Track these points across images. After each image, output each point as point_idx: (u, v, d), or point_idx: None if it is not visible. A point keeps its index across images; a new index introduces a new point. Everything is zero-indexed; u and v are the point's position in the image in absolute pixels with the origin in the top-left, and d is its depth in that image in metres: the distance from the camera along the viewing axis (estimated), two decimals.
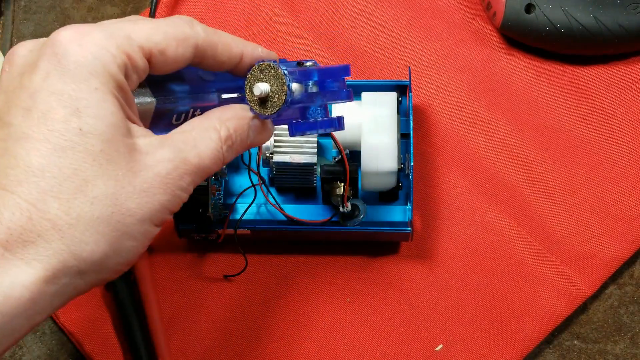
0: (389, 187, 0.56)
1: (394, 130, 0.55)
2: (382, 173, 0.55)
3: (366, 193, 0.58)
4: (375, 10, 0.65)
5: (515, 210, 0.60)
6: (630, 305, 0.59)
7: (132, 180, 0.38)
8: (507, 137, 0.61)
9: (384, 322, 0.58)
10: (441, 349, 0.57)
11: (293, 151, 0.56)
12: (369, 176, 0.55)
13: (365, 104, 0.56)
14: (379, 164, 0.55)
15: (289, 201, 0.59)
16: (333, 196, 0.56)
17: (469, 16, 0.64)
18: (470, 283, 0.58)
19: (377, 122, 0.55)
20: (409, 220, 0.56)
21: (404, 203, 0.59)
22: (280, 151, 0.56)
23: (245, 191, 0.58)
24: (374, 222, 0.58)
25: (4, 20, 0.67)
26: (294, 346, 0.57)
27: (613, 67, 0.62)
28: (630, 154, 0.60)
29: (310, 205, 0.59)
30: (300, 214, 0.58)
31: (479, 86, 0.63)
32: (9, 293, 0.35)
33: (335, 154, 0.58)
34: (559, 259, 0.58)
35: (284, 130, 0.56)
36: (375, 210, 0.58)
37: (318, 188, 0.59)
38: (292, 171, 0.57)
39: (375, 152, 0.55)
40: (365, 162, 0.55)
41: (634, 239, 0.59)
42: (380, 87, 0.58)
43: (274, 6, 0.65)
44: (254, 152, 0.58)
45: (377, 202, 0.59)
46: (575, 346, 0.59)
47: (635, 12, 0.60)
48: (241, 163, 0.59)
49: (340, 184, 0.56)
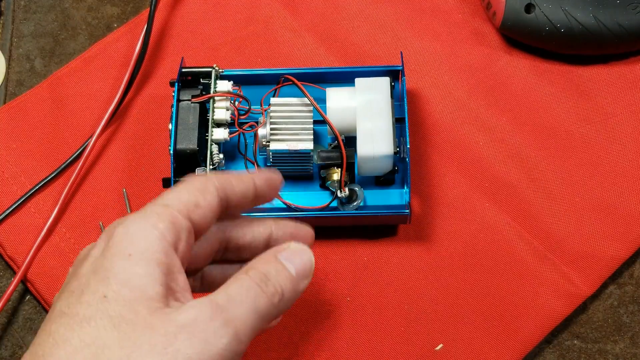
0: (386, 171, 0.57)
1: (388, 115, 0.56)
2: (378, 157, 0.55)
3: (363, 178, 0.59)
4: (375, 10, 0.65)
5: (515, 210, 0.60)
6: (630, 305, 0.59)
7: (151, 337, 0.37)
8: (507, 137, 0.61)
9: (384, 322, 0.58)
10: (441, 349, 0.57)
11: (289, 138, 0.56)
12: (366, 161, 0.56)
13: (359, 90, 0.57)
14: (375, 149, 0.55)
15: (287, 188, 0.59)
16: (330, 182, 0.57)
17: (469, 16, 0.64)
18: (470, 283, 0.58)
19: (372, 107, 0.56)
20: (406, 202, 0.56)
21: (400, 187, 0.59)
22: (276, 139, 0.56)
23: None
24: (372, 206, 0.58)
25: (4, 20, 0.67)
26: (294, 346, 0.57)
27: (613, 67, 0.62)
28: (630, 154, 0.60)
29: (308, 192, 0.59)
30: (298, 200, 0.58)
31: (479, 86, 0.63)
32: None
33: (331, 140, 0.58)
34: (559, 259, 0.58)
35: (280, 118, 0.57)
36: (372, 195, 0.59)
37: (315, 174, 0.59)
38: (289, 158, 0.57)
39: (370, 137, 0.55)
40: (361, 147, 0.55)
41: (634, 239, 0.59)
42: (373, 72, 0.58)
43: (274, 6, 0.65)
44: (250, 141, 0.58)
45: (374, 187, 0.59)
46: (575, 346, 0.59)
47: (635, 12, 0.60)
48: (237, 152, 0.59)
49: (337, 169, 0.56)
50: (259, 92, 0.59)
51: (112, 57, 0.64)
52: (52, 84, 0.63)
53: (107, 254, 0.39)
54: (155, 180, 0.61)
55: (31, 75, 0.65)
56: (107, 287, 0.38)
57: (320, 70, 0.60)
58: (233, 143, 0.59)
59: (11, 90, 0.65)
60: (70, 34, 0.67)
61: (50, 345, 0.37)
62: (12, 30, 0.67)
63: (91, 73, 0.64)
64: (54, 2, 0.67)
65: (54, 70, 0.65)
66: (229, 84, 0.58)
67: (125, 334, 0.37)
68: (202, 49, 0.64)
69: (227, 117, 0.57)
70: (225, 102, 0.57)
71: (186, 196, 0.42)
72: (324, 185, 0.58)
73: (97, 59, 0.64)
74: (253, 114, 0.58)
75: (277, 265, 0.41)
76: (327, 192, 0.59)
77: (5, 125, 0.62)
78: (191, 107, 0.56)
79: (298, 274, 0.42)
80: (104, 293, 0.38)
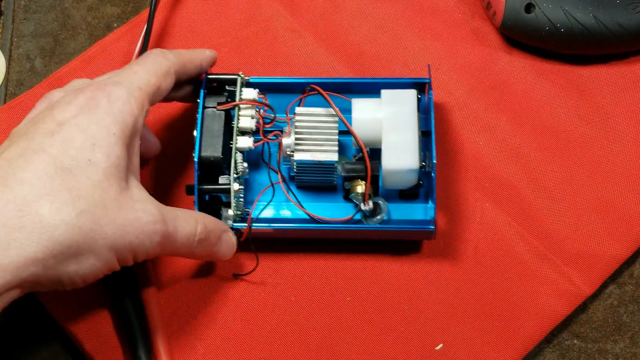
0: (410, 185, 0.56)
1: (414, 128, 0.55)
2: (403, 171, 0.55)
3: (386, 190, 0.58)
4: (375, 10, 0.65)
5: (515, 210, 0.60)
6: (630, 304, 0.59)
7: (116, 213, 0.45)
8: (507, 137, 0.61)
9: (384, 321, 0.58)
10: (441, 349, 0.57)
11: (314, 149, 0.56)
12: (390, 174, 0.55)
13: (385, 102, 0.56)
14: (400, 162, 0.54)
15: (309, 199, 0.59)
16: (354, 194, 0.56)
17: (469, 16, 0.64)
18: (470, 282, 0.58)
19: (398, 120, 0.55)
20: (431, 218, 0.56)
21: (424, 201, 0.58)
22: (301, 149, 0.56)
23: (266, 190, 0.57)
24: (395, 220, 0.58)
25: (4, 19, 0.67)
26: (294, 346, 0.57)
27: (613, 67, 0.62)
28: (630, 154, 0.60)
29: (331, 203, 0.59)
30: (320, 211, 0.58)
31: (479, 86, 0.63)
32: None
33: (356, 151, 0.58)
34: (559, 259, 0.58)
35: (305, 128, 0.56)
36: (394, 208, 0.58)
37: (339, 186, 0.59)
38: (313, 169, 0.57)
39: (396, 150, 0.55)
40: (386, 160, 0.55)
41: (634, 239, 0.59)
42: (399, 84, 0.58)
43: (274, 6, 0.65)
44: (274, 149, 0.58)
45: (398, 200, 0.58)
46: (575, 345, 0.59)
47: (635, 11, 0.60)
48: (261, 160, 0.59)
49: (361, 182, 0.56)
50: (283, 100, 0.58)
51: (112, 57, 0.64)
52: (52, 84, 0.63)
53: (92, 119, 0.46)
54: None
55: (31, 75, 0.65)
56: (92, 153, 0.45)
57: (345, 80, 0.59)
58: (257, 151, 0.58)
59: (11, 90, 0.65)
60: (70, 33, 0.67)
61: (31, 175, 0.44)
62: (12, 30, 0.67)
63: (91, 73, 0.64)
64: (54, 2, 0.67)
65: (54, 70, 0.65)
66: (254, 91, 0.57)
67: (100, 198, 0.45)
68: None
69: (252, 126, 0.56)
70: (251, 110, 0.56)
71: (154, 80, 0.50)
72: (347, 196, 0.57)
73: (97, 59, 0.64)
74: (278, 122, 0.58)
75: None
76: (350, 204, 0.58)
77: (6, 125, 0.62)
78: (216, 115, 0.55)
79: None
80: (89, 157, 0.45)
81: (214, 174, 0.55)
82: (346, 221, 0.56)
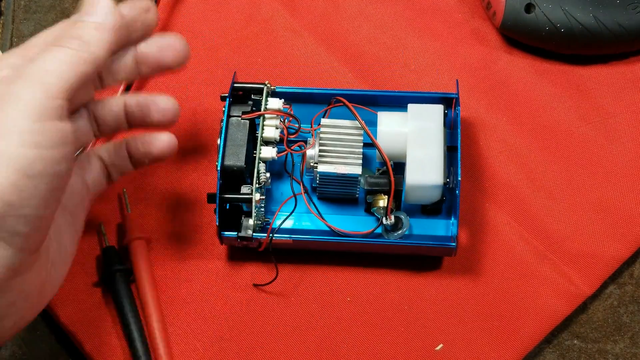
0: (433, 200, 0.56)
1: (440, 144, 0.54)
2: (427, 186, 0.54)
3: (408, 205, 0.57)
4: (375, 10, 0.65)
5: (515, 210, 0.60)
6: (630, 304, 0.59)
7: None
8: (507, 137, 0.61)
9: (384, 322, 0.58)
10: (441, 349, 0.57)
11: (338, 161, 0.55)
12: (414, 189, 0.54)
13: (412, 116, 0.55)
14: (424, 177, 0.54)
15: (330, 211, 0.59)
16: (376, 208, 0.56)
17: (469, 16, 0.64)
18: (470, 282, 0.58)
19: (423, 135, 0.55)
20: (453, 235, 0.55)
21: (446, 217, 0.58)
22: (324, 161, 0.56)
23: (288, 200, 0.57)
24: (416, 235, 0.57)
25: (4, 20, 0.67)
26: (294, 346, 0.57)
27: (613, 67, 0.62)
28: (630, 154, 0.60)
29: (352, 216, 0.59)
30: (341, 224, 0.57)
31: (479, 86, 0.63)
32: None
33: (379, 165, 0.57)
34: (559, 259, 0.58)
35: (330, 140, 0.56)
36: (417, 223, 0.58)
37: (360, 199, 0.59)
38: (336, 181, 0.56)
39: (420, 165, 0.54)
40: (410, 175, 0.54)
41: (634, 239, 0.59)
42: (426, 98, 0.57)
43: (274, 6, 0.65)
44: (297, 160, 0.57)
45: (420, 215, 0.58)
46: (575, 345, 0.59)
47: (635, 11, 0.60)
48: (284, 171, 0.59)
49: (383, 196, 0.55)
50: (308, 111, 0.58)
51: None
52: None
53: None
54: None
55: None
56: None
57: (371, 92, 0.59)
58: (280, 162, 0.58)
59: None
60: None
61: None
62: (12, 30, 0.67)
63: None
64: (54, 2, 0.67)
65: None
66: (280, 101, 0.57)
67: None
68: (202, 49, 0.64)
69: (276, 136, 0.56)
70: (276, 120, 0.56)
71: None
72: (369, 210, 0.57)
73: None
74: (302, 133, 0.57)
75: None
76: (372, 218, 0.58)
77: None
78: (241, 124, 0.55)
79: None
80: None
81: (236, 183, 0.55)
82: (367, 235, 0.56)
